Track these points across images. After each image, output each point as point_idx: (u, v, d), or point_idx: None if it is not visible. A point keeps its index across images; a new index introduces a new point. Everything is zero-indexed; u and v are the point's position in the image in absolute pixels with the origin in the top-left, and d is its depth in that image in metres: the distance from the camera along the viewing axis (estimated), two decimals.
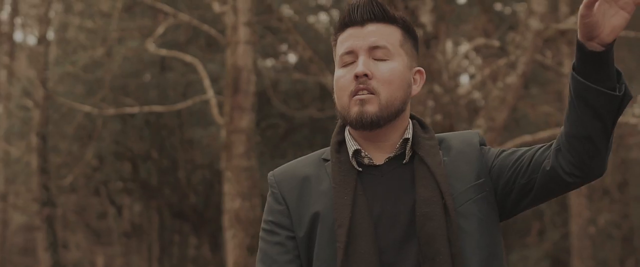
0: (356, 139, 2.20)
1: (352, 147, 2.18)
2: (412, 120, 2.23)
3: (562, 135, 2.03)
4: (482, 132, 7.93)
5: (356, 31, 2.16)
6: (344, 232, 2.07)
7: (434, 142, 2.18)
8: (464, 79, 19.74)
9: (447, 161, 2.16)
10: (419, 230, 2.07)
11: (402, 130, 2.19)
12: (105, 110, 14.17)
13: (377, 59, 2.14)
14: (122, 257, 21.79)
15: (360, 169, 2.17)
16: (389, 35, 2.16)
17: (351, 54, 2.16)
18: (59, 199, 19.11)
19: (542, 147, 2.12)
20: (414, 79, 2.22)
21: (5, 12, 19.67)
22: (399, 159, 2.17)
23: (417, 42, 2.25)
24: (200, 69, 12.47)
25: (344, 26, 2.19)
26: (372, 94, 2.11)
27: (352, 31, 2.17)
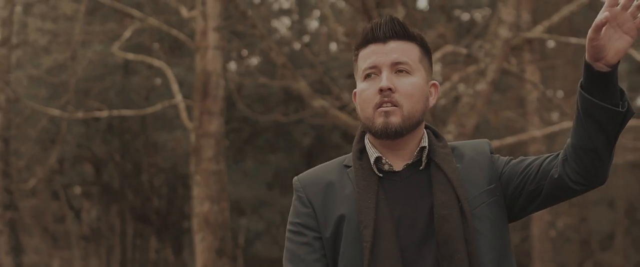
0: (376, 147, 2.37)
1: (374, 155, 2.36)
2: (426, 129, 2.42)
3: (569, 146, 2.24)
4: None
5: (378, 48, 2.34)
6: (369, 233, 2.25)
7: (448, 150, 2.37)
8: None
9: (460, 168, 2.35)
10: (437, 231, 2.26)
11: (418, 139, 2.37)
12: (73, 114, 14.13)
13: (398, 73, 2.32)
14: (80, 261, 21.68)
15: (381, 174, 2.35)
16: (409, 51, 2.35)
17: (374, 68, 2.33)
18: (21, 202, 18.97)
19: (549, 156, 2.32)
20: (430, 91, 2.41)
21: None
22: (416, 166, 2.36)
23: (431, 57, 2.44)
24: (168, 73, 12.52)
25: (366, 42, 2.36)
26: (395, 106, 2.30)
27: (375, 47, 2.34)
